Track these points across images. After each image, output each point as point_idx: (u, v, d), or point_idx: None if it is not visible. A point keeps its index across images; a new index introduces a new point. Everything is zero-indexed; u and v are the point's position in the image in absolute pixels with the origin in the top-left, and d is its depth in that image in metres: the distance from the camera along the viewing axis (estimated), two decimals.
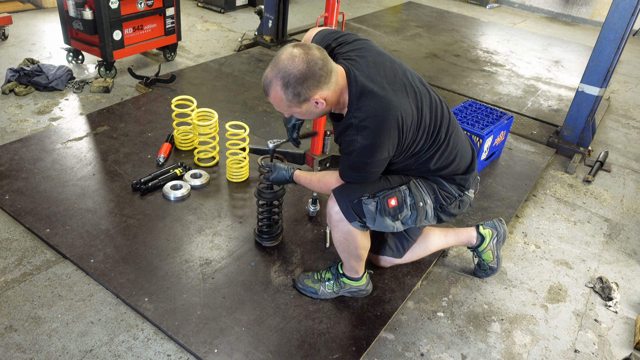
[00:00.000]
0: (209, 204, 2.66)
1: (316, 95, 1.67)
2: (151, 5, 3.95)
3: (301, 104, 1.70)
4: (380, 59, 1.80)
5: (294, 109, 1.73)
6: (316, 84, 1.65)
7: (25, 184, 2.63)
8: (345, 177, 1.87)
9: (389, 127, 1.68)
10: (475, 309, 2.25)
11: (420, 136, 1.82)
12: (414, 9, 7.11)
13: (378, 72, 1.75)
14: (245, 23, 5.70)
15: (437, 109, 1.87)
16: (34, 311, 1.98)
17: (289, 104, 1.70)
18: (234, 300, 2.10)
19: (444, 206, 2.00)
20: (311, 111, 1.76)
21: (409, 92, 1.77)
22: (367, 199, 1.84)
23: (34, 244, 2.30)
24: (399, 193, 1.89)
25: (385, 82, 1.73)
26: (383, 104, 1.68)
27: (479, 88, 4.60)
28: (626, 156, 3.77)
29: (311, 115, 1.80)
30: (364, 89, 1.70)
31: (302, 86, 1.64)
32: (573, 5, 7.53)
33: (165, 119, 3.37)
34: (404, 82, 1.78)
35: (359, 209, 1.85)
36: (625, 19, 3.12)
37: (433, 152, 1.89)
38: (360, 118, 1.68)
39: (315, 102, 1.69)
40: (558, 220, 2.93)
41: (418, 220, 1.96)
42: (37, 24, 4.90)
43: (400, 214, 1.90)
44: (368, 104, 1.68)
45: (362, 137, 1.69)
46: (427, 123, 1.82)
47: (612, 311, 2.33)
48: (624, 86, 5.19)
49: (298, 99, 1.67)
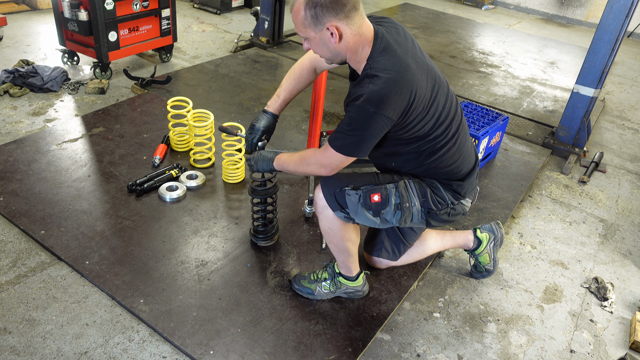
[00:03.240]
0: (204, 205, 2.65)
1: (332, 22, 1.64)
2: (147, 6, 3.95)
3: (316, 27, 1.66)
4: (411, 41, 1.81)
5: (309, 32, 1.69)
6: (335, 10, 1.63)
7: (20, 185, 2.62)
8: (335, 141, 1.75)
9: (401, 86, 1.65)
10: (471, 310, 2.25)
11: (430, 118, 1.78)
12: (410, 10, 7.13)
13: (406, 44, 1.75)
14: (241, 24, 5.70)
15: (452, 102, 1.87)
16: (28, 313, 1.97)
17: (304, 23, 1.67)
18: (230, 302, 2.09)
19: (432, 211, 1.96)
20: (325, 43, 1.71)
21: (429, 74, 1.77)
22: (350, 189, 1.85)
23: (28, 245, 2.29)
24: (384, 190, 1.88)
25: (409, 54, 1.73)
26: (402, 65, 1.68)
27: (474, 89, 4.61)
28: (621, 157, 3.79)
29: (325, 50, 1.74)
30: (388, 46, 1.70)
31: (323, 9, 1.62)
32: (568, 7, 7.57)
33: (161, 120, 3.36)
34: (427, 65, 1.78)
35: (342, 199, 1.86)
36: (619, 21, 3.14)
37: (440, 146, 1.85)
38: (377, 69, 1.67)
39: (330, 32, 1.66)
40: (554, 220, 2.94)
41: (402, 220, 1.93)
42: (32, 25, 4.89)
43: (382, 211, 1.89)
44: (388, 60, 1.67)
45: (373, 84, 1.65)
46: (438, 109, 1.79)
47: (607, 311, 2.34)
48: (618, 87, 5.21)
49: (314, 20, 1.65)
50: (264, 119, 2.15)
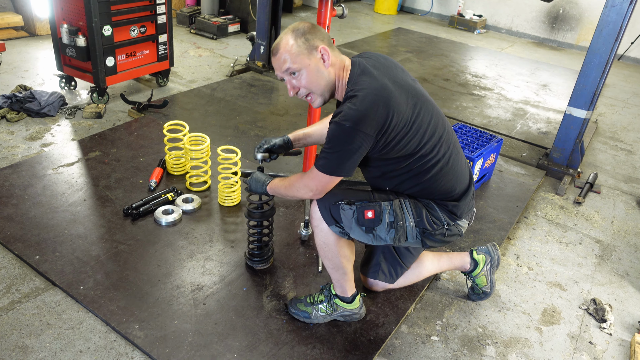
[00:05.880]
0: (200, 228, 2.64)
1: (323, 44, 1.81)
2: (144, 32, 4.00)
3: (310, 53, 1.79)
4: (393, 64, 1.92)
5: (304, 59, 1.80)
6: (320, 37, 1.82)
7: (15, 210, 2.61)
8: (318, 161, 1.79)
9: (377, 103, 1.72)
10: (469, 333, 2.23)
11: (413, 136, 1.80)
12: (404, 35, 7.25)
13: (386, 69, 1.86)
14: (237, 49, 5.78)
15: (438, 121, 1.89)
16: (21, 340, 1.95)
17: (298, 52, 1.79)
18: (226, 326, 2.07)
19: (427, 231, 1.95)
20: (319, 68, 1.82)
21: (410, 92, 1.83)
22: (344, 204, 1.87)
23: (23, 271, 2.27)
24: (378, 207, 1.89)
25: (387, 75, 1.83)
26: (379, 84, 1.77)
27: (468, 111, 4.66)
28: (615, 178, 3.81)
29: (319, 77, 1.83)
30: (366, 69, 1.81)
31: (311, 34, 1.80)
32: (559, 31, 7.71)
33: (157, 144, 3.37)
34: (408, 84, 1.86)
35: (337, 213, 1.88)
36: (609, 44, 3.20)
37: (431, 165, 1.86)
38: (355, 90, 1.76)
39: (322, 54, 1.80)
40: (550, 241, 2.94)
41: (396, 239, 1.94)
42: (30, 51, 4.93)
43: (375, 228, 1.90)
44: (365, 80, 1.77)
45: (351, 104, 1.73)
46: (422, 126, 1.82)
47: (606, 333, 2.32)
48: (610, 109, 5.28)
49: (307, 45, 1.79)
50: (277, 138, 2.21)
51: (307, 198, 1.91)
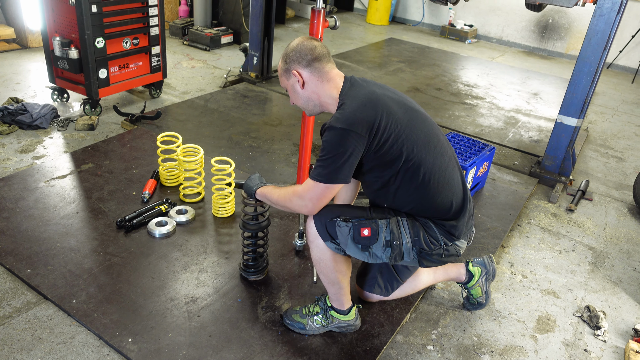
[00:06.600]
0: (194, 240, 2.63)
1: (296, 68, 1.89)
2: (137, 44, 4.01)
3: (287, 75, 1.93)
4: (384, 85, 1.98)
5: (285, 80, 1.96)
6: (298, 60, 1.88)
7: (7, 223, 2.58)
8: (313, 171, 1.80)
9: (366, 105, 1.79)
10: (464, 341, 2.23)
11: (406, 136, 1.80)
12: (396, 45, 7.30)
13: (375, 85, 1.93)
14: (231, 60, 5.79)
15: (431, 129, 1.92)
16: (12, 355, 1.92)
17: (281, 73, 1.96)
18: (221, 339, 2.05)
19: (424, 251, 1.93)
20: (294, 88, 1.93)
21: (399, 101, 1.89)
22: (340, 221, 1.86)
23: (14, 285, 2.25)
24: (375, 225, 1.88)
25: (376, 86, 1.91)
26: (368, 91, 1.85)
27: (460, 120, 4.69)
28: (607, 185, 3.84)
29: (296, 96, 1.96)
30: (355, 82, 1.90)
31: (290, 56, 1.90)
32: (548, 40, 7.80)
33: (150, 156, 3.36)
34: (397, 94, 1.93)
35: (333, 230, 1.87)
36: (598, 53, 3.24)
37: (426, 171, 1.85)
38: (344, 99, 1.85)
39: (296, 79, 1.89)
40: (543, 249, 2.96)
41: (392, 258, 1.92)
42: (22, 63, 4.92)
43: (371, 246, 1.88)
44: (354, 90, 1.86)
45: (341, 109, 1.81)
46: (415, 131, 1.84)
47: (600, 340, 2.33)
48: (601, 117, 5.34)
49: (285, 67, 1.92)
50: None
51: (301, 212, 1.90)
